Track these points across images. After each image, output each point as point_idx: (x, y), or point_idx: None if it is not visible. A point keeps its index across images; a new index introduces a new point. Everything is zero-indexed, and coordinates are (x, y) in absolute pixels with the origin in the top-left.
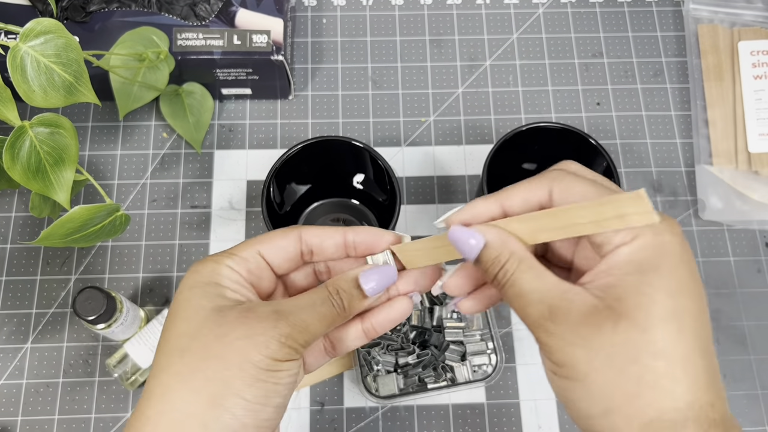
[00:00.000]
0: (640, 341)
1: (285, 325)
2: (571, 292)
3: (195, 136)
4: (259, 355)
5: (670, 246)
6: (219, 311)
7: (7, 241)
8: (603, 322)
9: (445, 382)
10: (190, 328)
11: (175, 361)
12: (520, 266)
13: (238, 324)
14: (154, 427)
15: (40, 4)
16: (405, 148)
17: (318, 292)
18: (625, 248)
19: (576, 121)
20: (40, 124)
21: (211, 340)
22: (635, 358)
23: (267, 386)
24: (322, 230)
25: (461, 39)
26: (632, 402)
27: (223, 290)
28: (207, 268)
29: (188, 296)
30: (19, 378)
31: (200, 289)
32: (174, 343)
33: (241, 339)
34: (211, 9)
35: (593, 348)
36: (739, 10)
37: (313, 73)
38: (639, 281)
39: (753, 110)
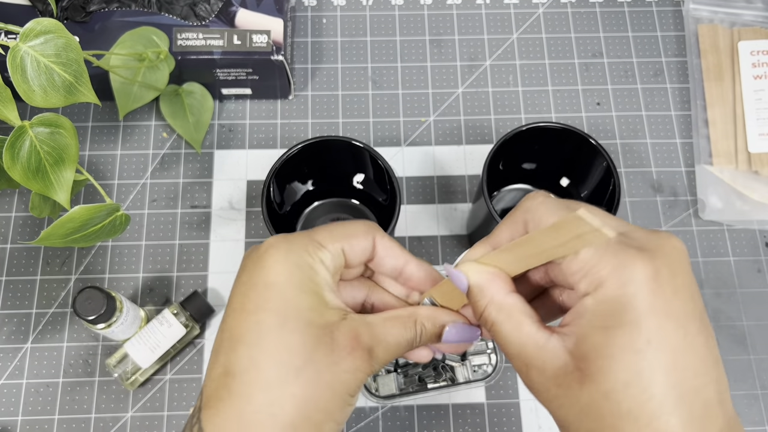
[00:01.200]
0: (604, 405)
1: (376, 362)
2: (545, 348)
3: (195, 136)
4: (356, 386)
5: (633, 297)
6: (329, 331)
7: (7, 241)
8: (571, 383)
9: (445, 382)
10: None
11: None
12: (499, 315)
13: (347, 355)
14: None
15: (40, 4)
16: (405, 148)
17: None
18: (590, 299)
19: (576, 121)
20: (40, 124)
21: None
22: (603, 420)
23: (349, 409)
24: (392, 246)
25: (461, 39)
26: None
27: (324, 294)
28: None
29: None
30: (19, 378)
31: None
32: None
33: (348, 373)
34: (211, 9)
35: (565, 407)
36: (739, 10)
37: (313, 73)
38: (604, 341)
39: (753, 110)
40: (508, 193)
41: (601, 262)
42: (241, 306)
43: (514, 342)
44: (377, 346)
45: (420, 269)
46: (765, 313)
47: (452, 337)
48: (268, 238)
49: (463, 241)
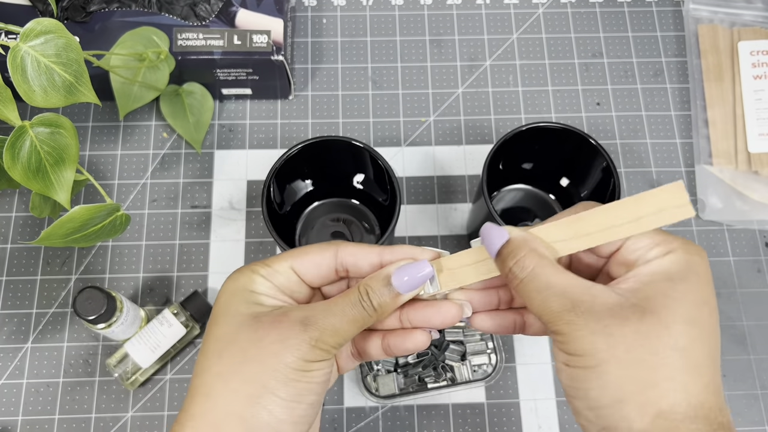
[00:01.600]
0: (663, 335)
1: (314, 329)
2: (594, 288)
3: (195, 136)
4: (292, 357)
5: (698, 266)
6: (255, 317)
7: (7, 241)
8: (629, 315)
9: (445, 382)
10: (228, 332)
11: (215, 362)
12: (541, 262)
13: (271, 329)
14: (198, 423)
15: (41, 4)
16: (405, 148)
17: (349, 295)
18: (657, 261)
19: (576, 121)
20: (41, 124)
21: (248, 344)
22: (655, 350)
23: (300, 385)
24: (359, 249)
25: (461, 39)
26: (647, 392)
27: (258, 297)
28: (244, 276)
29: (226, 301)
30: (19, 378)
31: (238, 296)
32: (214, 346)
33: (274, 343)
34: (212, 9)
35: (615, 336)
36: (739, 10)
37: (313, 73)
38: (667, 287)
39: (753, 110)
40: (508, 193)
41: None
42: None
43: (559, 283)
44: (317, 316)
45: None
46: (765, 313)
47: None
48: None
49: (463, 241)
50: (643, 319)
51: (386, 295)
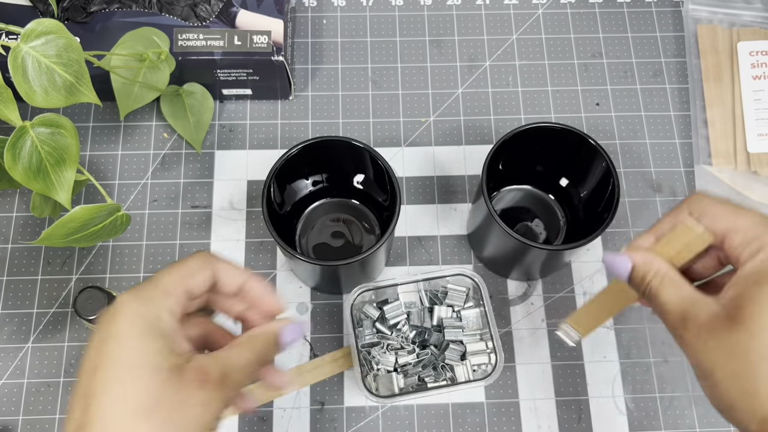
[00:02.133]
0: (750, 345)
1: (229, 389)
2: (700, 302)
3: (195, 136)
4: (211, 418)
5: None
6: (176, 371)
7: (8, 241)
8: (720, 327)
9: (445, 382)
10: (151, 389)
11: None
12: (663, 281)
13: (196, 390)
14: None
15: (41, 4)
16: (405, 148)
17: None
18: (750, 262)
19: (575, 122)
20: (41, 124)
21: (174, 407)
22: (747, 360)
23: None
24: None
25: (461, 39)
26: (749, 399)
27: (170, 340)
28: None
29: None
30: (20, 378)
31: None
32: (136, 403)
33: (197, 406)
34: (212, 10)
35: (712, 350)
36: (738, 11)
37: (314, 74)
38: (756, 291)
39: (752, 110)
40: (507, 193)
41: (761, 232)
42: (92, 364)
43: (675, 300)
44: (228, 373)
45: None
46: None
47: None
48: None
49: (463, 241)
50: (732, 329)
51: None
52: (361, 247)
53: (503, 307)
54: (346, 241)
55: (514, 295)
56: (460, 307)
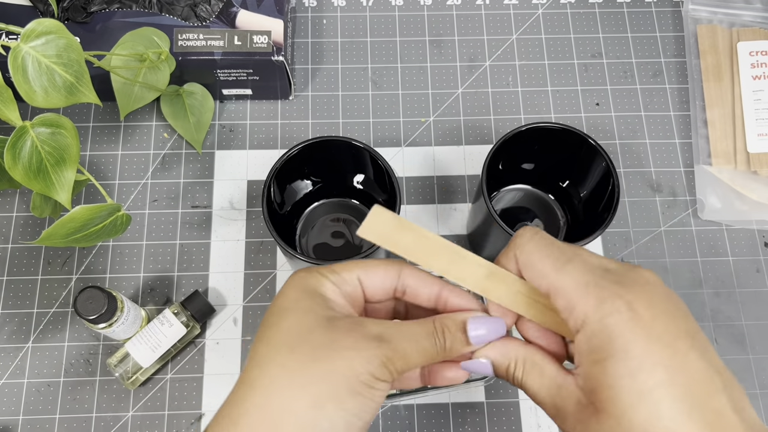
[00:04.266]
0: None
1: (388, 349)
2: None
3: (196, 136)
4: (362, 369)
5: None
6: (329, 319)
7: (8, 241)
8: (588, 418)
9: None
10: (301, 326)
11: (284, 354)
12: (525, 369)
13: (347, 334)
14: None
15: (41, 4)
16: (405, 148)
17: (424, 325)
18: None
19: (575, 122)
20: (42, 124)
21: (322, 343)
22: None
23: (364, 401)
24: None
25: (461, 39)
26: None
27: (330, 302)
28: (312, 278)
29: (297, 297)
30: (20, 377)
31: (309, 296)
32: (283, 338)
33: (348, 349)
34: (212, 10)
35: None
36: (738, 11)
37: (314, 74)
38: (601, 373)
39: (752, 110)
40: (507, 193)
41: (581, 300)
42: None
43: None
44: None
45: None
46: (764, 312)
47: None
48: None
49: (463, 241)
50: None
51: (459, 341)
52: (361, 247)
53: None
54: (346, 241)
55: None
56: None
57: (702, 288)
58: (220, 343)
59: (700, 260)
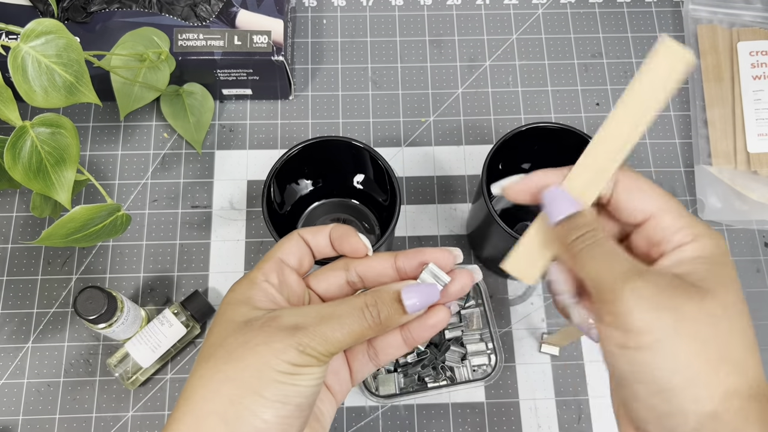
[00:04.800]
0: (724, 316)
1: (304, 336)
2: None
3: (195, 136)
4: (277, 360)
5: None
6: (246, 322)
7: (8, 241)
8: (692, 293)
9: (445, 382)
10: (218, 338)
11: (201, 366)
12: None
13: (259, 332)
14: (179, 425)
15: (41, 4)
16: (405, 148)
17: (350, 303)
18: (689, 246)
19: (575, 122)
20: (41, 124)
21: (235, 347)
22: (719, 331)
23: (286, 387)
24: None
25: (461, 39)
26: (715, 373)
27: (254, 302)
28: (242, 287)
29: (222, 312)
30: (20, 377)
31: (233, 306)
32: (203, 353)
33: (260, 345)
34: (212, 10)
35: (681, 314)
36: (738, 11)
37: (314, 74)
38: (715, 271)
39: (752, 110)
40: None
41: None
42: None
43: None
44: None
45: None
46: (764, 312)
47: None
48: None
49: (463, 241)
50: (705, 298)
51: (394, 311)
52: None
53: (503, 307)
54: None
55: (514, 295)
56: (460, 307)
57: None
58: None
59: None
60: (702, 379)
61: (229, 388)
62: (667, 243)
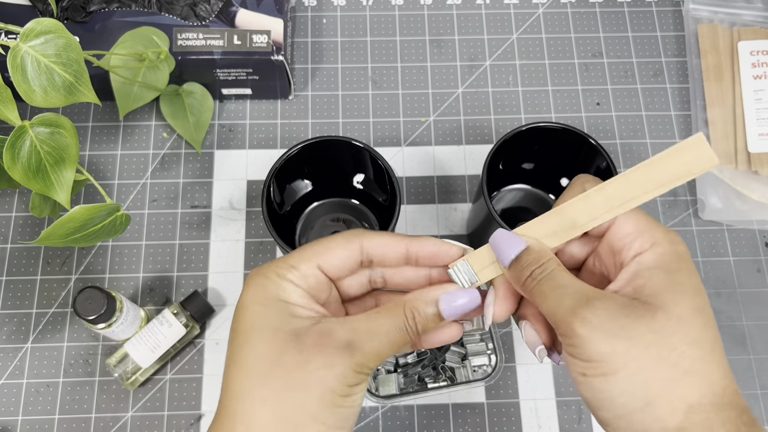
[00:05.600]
0: (676, 330)
1: (360, 355)
2: (597, 291)
3: (195, 136)
4: (337, 383)
5: (684, 254)
6: (296, 335)
7: (7, 241)
8: (642, 314)
9: (445, 382)
10: (270, 352)
11: (259, 386)
12: (558, 267)
13: (317, 352)
14: None
15: (41, 4)
16: (405, 148)
17: (392, 316)
18: (647, 254)
19: (576, 121)
20: (41, 123)
21: (293, 368)
22: (673, 346)
23: (343, 411)
24: (384, 240)
25: (461, 39)
26: (673, 389)
27: (293, 308)
28: (272, 284)
29: (261, 314)
30: (19, 378)
31: (272, 309)
32: (255, 367)
33: (320, 369)
34: (212, 9)
35: (633, 338)
36: (739, 10)
37: (313, 73)
38: (669, 280)
39: (753, 110)
40: (508, 193)
41: (653, 224)
42: (231, 332)
43: (574, 283)
44: (360, 339)
45: (423, 245)
46: (765, 312)
47: (451, 308)
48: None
49: (463, 242)
50: (655, 316)
51: (431, 319)
52: None
53: None
54: None
55: None
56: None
57: None
58: (220, 343)
59: (701, 260)
60: (661, 398)
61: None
62: (628, 251)
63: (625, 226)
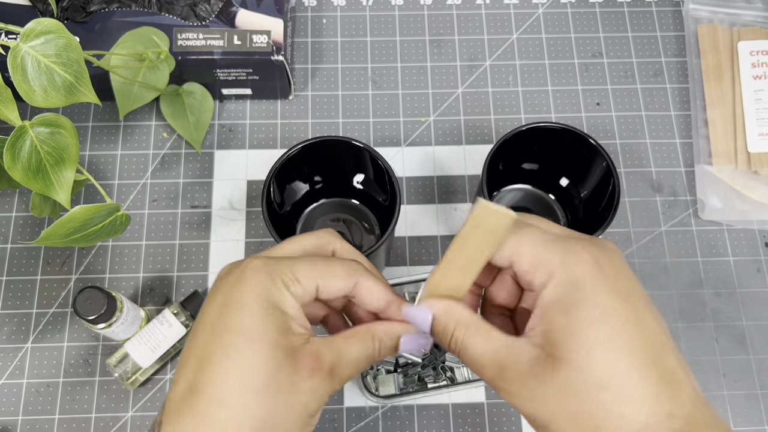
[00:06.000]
0: (579, 380)
1: (337, 381)
2: (515, 347)
3: (195, 136)
4: (316, 406)
5: (581, 277)
6: (292, 353)
7: (7, 241)
8: (545, 371)
9: (445, 382)
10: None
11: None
12: (468, 331)
13: (308, 377)
14: None
15: (41, 4)
16: (405, 148)
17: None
18: (547, 291)
19: (576, 121)
20: (41, 124)
21: (284, 390)
22: (581, 397)
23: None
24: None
25: (461, 39)
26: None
27: (290, 322)
28: (276, 290)
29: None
30: (19, 378)
31: (273, 316)
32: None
33: (306, 393)
34: (212, 9)
35: (544, 397)
36: (739, 10)
37: (313, 73)
38: (565, 322)
39: (752, 110)
40: (508, 193)
41: (548, 253)
42: (212, 325)
43: (486, 349)
44: (339, 365)
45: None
46: (765, 312)
47: (407, 346)
48: (249, 259)
49: None
50: (557, 371)
51: (390, 351)
52: (361, 247)
53: None
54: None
55: None
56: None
57: (703, 288)
58: None
59: (701, 260)
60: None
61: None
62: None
63: (523, 262)
